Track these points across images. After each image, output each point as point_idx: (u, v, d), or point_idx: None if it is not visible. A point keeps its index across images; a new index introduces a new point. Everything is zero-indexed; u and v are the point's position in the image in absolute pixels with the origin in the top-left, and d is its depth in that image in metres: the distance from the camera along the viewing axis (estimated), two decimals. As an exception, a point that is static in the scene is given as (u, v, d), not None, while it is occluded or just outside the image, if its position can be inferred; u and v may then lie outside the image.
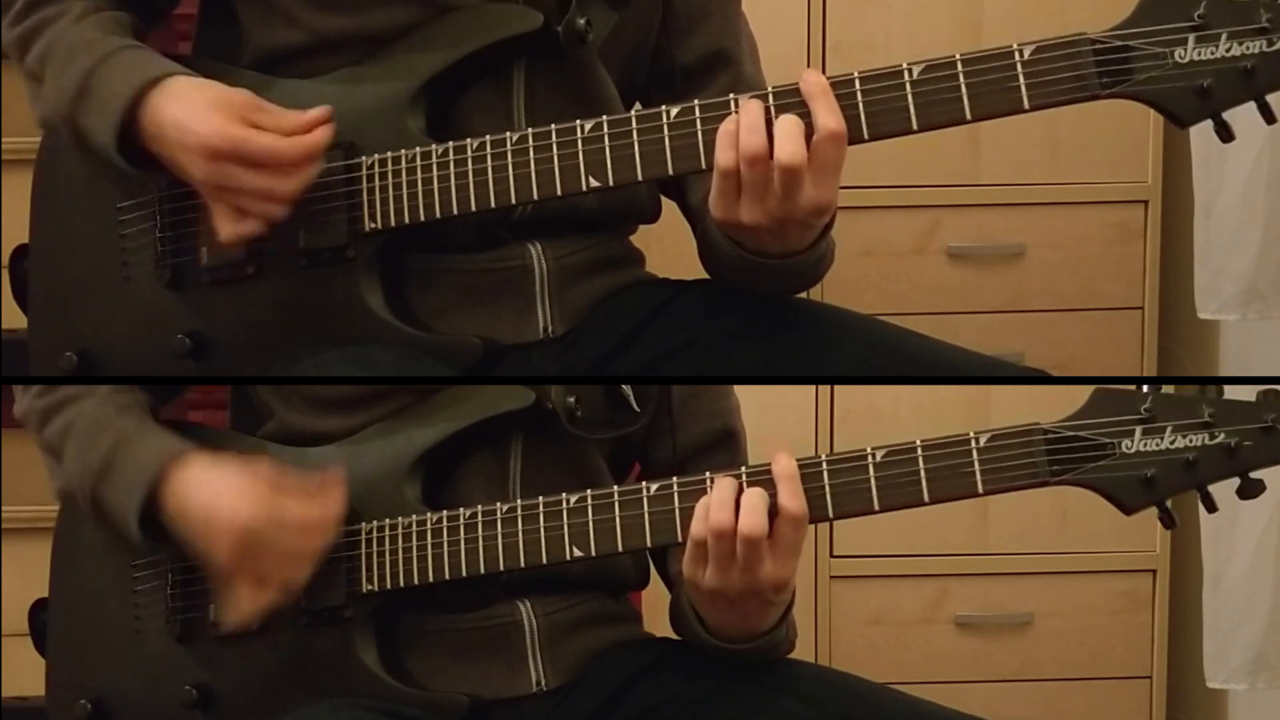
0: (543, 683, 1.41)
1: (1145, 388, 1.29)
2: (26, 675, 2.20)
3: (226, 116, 1.32)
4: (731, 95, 1.31)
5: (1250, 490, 1.28)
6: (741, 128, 1.28)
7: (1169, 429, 1.27)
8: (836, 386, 2.65)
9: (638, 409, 1.44)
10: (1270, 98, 1.27)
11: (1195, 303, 2.46)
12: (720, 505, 1.29)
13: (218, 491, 1.35)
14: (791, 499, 1.29)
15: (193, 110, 1.33)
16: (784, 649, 1.42)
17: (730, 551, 1.29)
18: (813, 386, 2.64)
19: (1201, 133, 1.29)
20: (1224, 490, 1.29)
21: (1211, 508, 1.29)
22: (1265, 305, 2.38)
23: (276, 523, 1.34)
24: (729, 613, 1.35)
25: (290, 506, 1.34)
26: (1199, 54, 1.25)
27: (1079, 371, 2.73)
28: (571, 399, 1.40)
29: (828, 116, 1.28)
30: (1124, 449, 1.28)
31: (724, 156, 1.29)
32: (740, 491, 1.30)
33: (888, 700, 1.42)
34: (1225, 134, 1.28)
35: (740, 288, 1.44)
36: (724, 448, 1.53)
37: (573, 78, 1.42)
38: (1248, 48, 1.25)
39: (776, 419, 2.60)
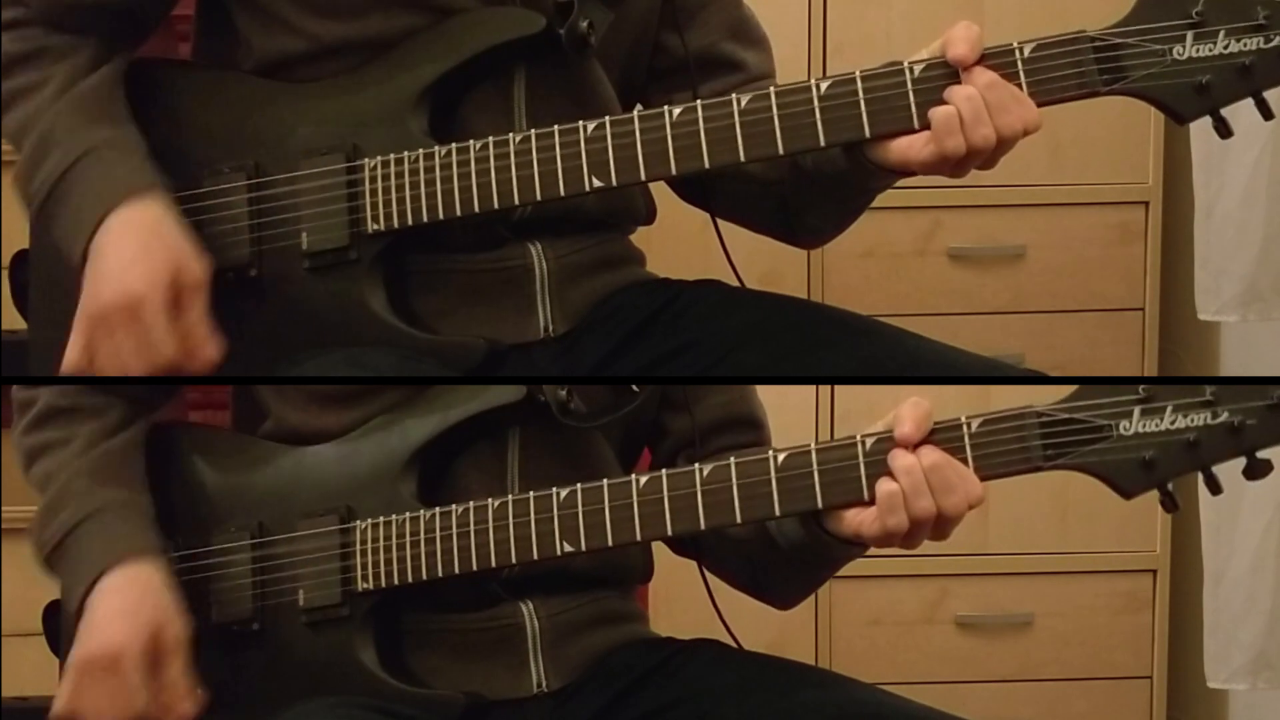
0: (544, 684, 1.41)
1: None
2: (27, 675, 2.21)
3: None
4: (734, 95, 1.32)
5: (1257, 471, 1.23)
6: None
7: (1169, 408, 1.23)
8: (836, 386, 2.64)
9: (636, 389, 1.43)
10: (1268, 94, 1.27)
11: (1196, 304, 2.46)
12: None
13: (119, 607, 1.33)
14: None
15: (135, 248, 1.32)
16: None
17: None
18: (813, 386, 2.64)
19: (1202, 134, 1.30)
20: (1227, 486, 1.25)
21: (1216, 489, 1.24)
22: (1266, 306, 2.39)
23: (139, 668, 1.32)
24: None
25: (156, 668, 1.33)
26: (1197, 51, 1.26)
27: (1079, 372, 2.72)
28: (563, 391, 1.39)
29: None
30: (1122, 430, 1.23)
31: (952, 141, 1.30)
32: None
33: (888, 705, 1.42)
34: (1224, 130, 1.28)
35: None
36: (744, 428, 1.53)
37: (573, 78, 1.42)
38: (1245, 44, 1.25)
39: (777, 419, 2.56)
